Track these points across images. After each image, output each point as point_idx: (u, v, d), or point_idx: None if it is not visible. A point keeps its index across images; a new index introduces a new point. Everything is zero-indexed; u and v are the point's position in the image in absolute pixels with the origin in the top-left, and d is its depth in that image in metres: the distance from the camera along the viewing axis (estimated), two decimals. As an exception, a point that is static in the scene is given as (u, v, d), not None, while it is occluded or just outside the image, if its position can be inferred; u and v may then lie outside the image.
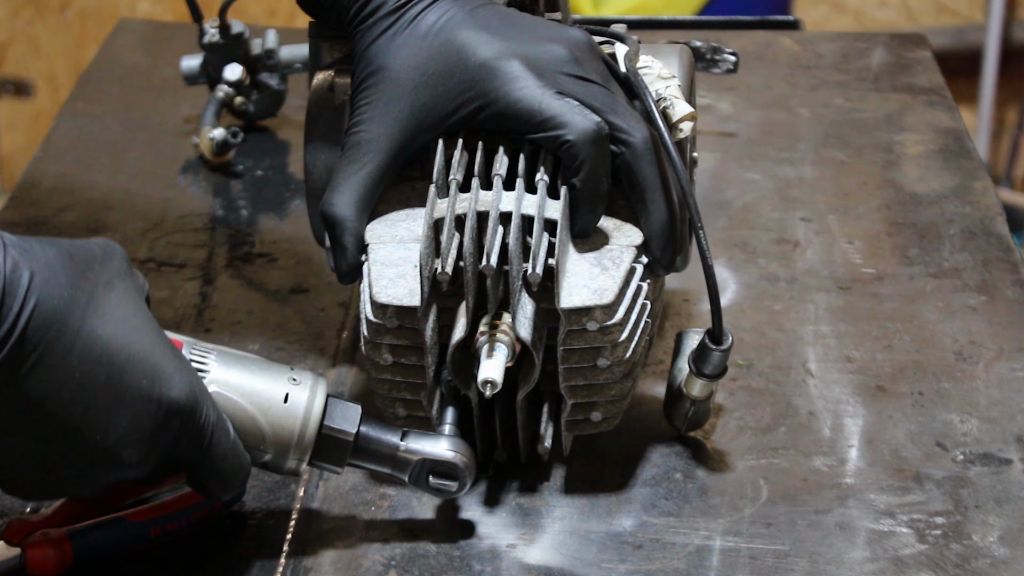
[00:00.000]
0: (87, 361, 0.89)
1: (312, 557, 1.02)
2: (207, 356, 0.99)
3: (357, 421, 1.00)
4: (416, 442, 1.01)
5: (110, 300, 0.91)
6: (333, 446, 1.00)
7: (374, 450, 1.00)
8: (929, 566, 1.01)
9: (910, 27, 3.34)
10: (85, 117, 1.63)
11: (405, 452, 1.01)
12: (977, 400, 1.17)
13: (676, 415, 1.10)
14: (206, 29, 1.57)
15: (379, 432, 1.01)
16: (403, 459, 1.01)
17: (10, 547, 0.99)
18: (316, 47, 1.17)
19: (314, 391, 1.00)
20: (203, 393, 0.95)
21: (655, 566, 1.01)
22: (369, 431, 1.01)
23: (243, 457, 0.98)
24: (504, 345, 1.00)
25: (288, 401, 0.99)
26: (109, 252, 0.94)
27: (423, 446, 1.01)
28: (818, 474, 1.09)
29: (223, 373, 0.98)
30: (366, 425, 1.00)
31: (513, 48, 1.04)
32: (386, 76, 1.06)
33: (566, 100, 1.03)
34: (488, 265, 1.00)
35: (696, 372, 1.07)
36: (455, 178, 1.04)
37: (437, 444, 1.01)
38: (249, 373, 0.99)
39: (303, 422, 0.99)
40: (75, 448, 0.91)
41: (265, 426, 0.98)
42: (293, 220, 1.44)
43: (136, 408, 0.91)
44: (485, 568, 1.01)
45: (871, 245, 1.38)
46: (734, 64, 1.54)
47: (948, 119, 1.61)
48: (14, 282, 0.87)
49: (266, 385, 0.99)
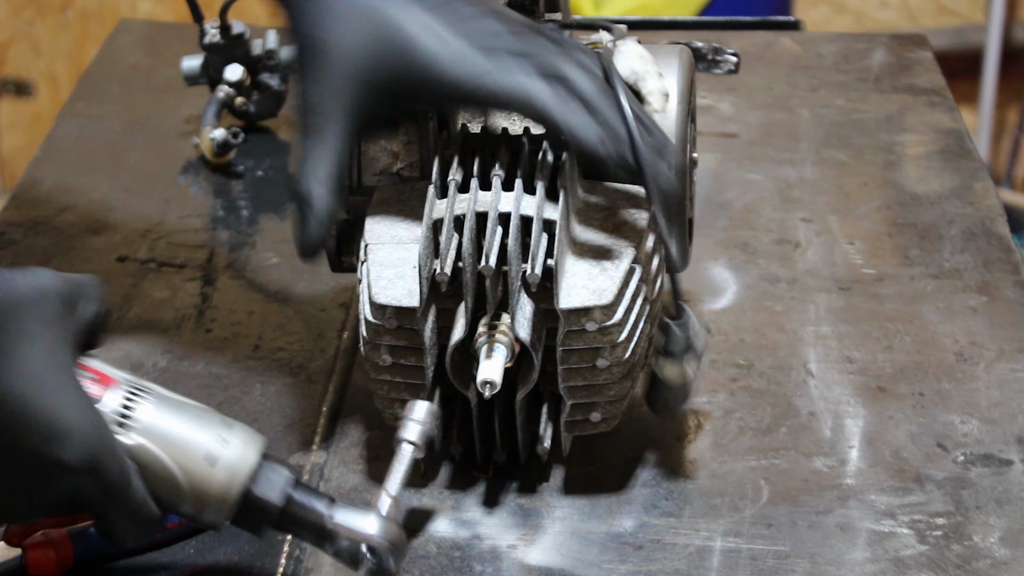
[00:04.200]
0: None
1: (312, 557, 1.02)
2: (140, 399, 0.94)
3: (282, 489, 0.95)
4: (343, 516, 0.96)
5: (20, 351, 0.90)
6: (255, 513, 0.95)
7: (300, 518, 0.95)
8: (930, 567, 1.01)
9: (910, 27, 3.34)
10: (85, 117, 1.63)
11: (332, 525, 0.95)
12: (978, 401, 1.17)
13: (652, 398, 1.09)
14: (207, 29, 1.57)
15: (308, 500, 0.95)
16: (329, 531, 0.95)
17: (10, 547, 0.99)
18: (316, 47, 1.17)
19: (244, 454, 0.95)
20: (105, 451, 0.92)
21: (656, 567, 1.01)
22: (298, 498, 0.95)
23: (146, 509, 0.94)
24: (503, 346, 1.00)
25: (214, 464, 0.94)
26: (40, 294, 0.92)
27: (350, 521, 0.95)
28: (819, 475, 1.09)
29: (153, 421, 0.94)
30: (297, 492, 0.95)
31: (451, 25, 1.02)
32: (328, 52, 1.02)
33: (514, 74, 1.01)
34: (487, 266, 1.00)
35: (660, 350, 1.06)
36: (454, 178, 1.04)
37: (364, 521, 0.95)
38: (180, 425, 0.94)
39: (225, 487, 0.94)
40: None
41: (185, 486, 0.94)
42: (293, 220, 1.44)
43: (24, 464, 0.90)
44: (486, 569, 1.01)
45: (872, 246, 1.38)
46: (735, 65, 1.54)
47: (949, 120, 1.61)
48: None
49: (194, 441, 0.94)
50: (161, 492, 0.94)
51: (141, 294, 1.31)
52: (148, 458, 0.94)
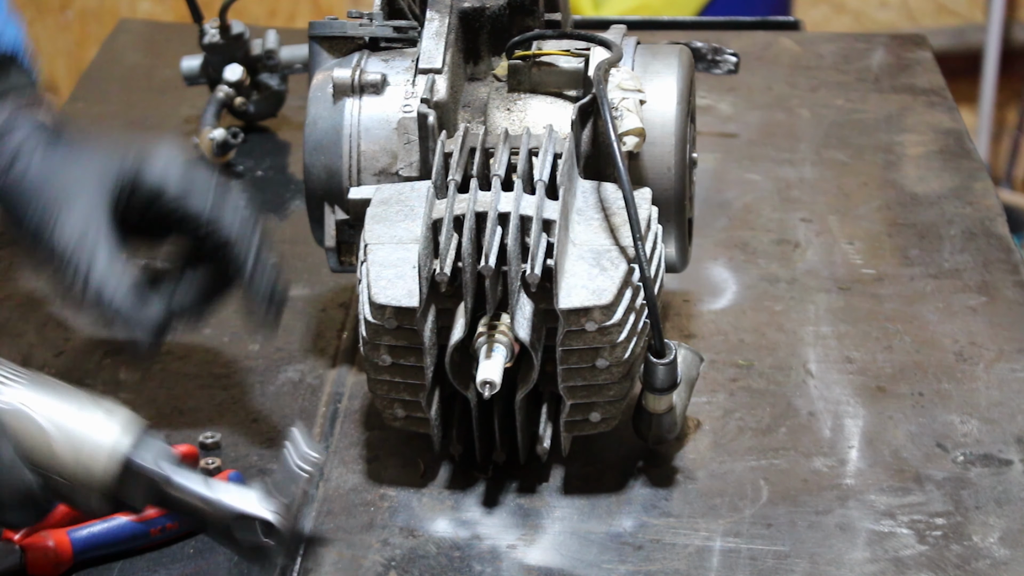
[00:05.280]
0: None
1: (312, 557, 1.02)
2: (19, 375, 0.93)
3: (165, 461, 0.94)
4: (224, 493, 0.94)
5: None
6: (135, 486, 0.93)
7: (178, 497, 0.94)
8: (929, 567, 1.01)
9: (910, 28, 3.34)
10: (85, 117, 1.63)
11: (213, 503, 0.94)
12: (977, 401, 1.17)
13: (640, 428, 1.09)
14: (206, 30, 1.57)
15: (187, 477, 0.94)
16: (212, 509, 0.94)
17: (10, 547, 0.99)
18: (316, 47, 1.17)
19: (128, 423, 0.94)
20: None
21: (655, 567, 1.01)
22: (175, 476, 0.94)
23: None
24: (503, 346, 1.00)
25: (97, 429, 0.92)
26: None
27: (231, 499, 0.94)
28: (818, 475, 1.09)
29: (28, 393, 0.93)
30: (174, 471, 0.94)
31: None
32: None
33: None
34: (487, 266, 1.00)
35: (646, 386, 1.06)
36: (453, 179, 1.04)
37: (245, 498, 0.94)
38: (60, 399, 0.93)
39: (109, 451, 0.92)
40: None
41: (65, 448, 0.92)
42: (293, 220, 1.44)
43: None
44: (485, 569, 1.01)
45: (871, 246, 1.38)
46: (735, 65, 1.54)
47: (948, 120, 1.61)
48: None
49: (75, 409, 0.93)
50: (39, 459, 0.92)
51: (141, 294, 1.31)
52: (27, 423, 0.92)
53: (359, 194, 1.11)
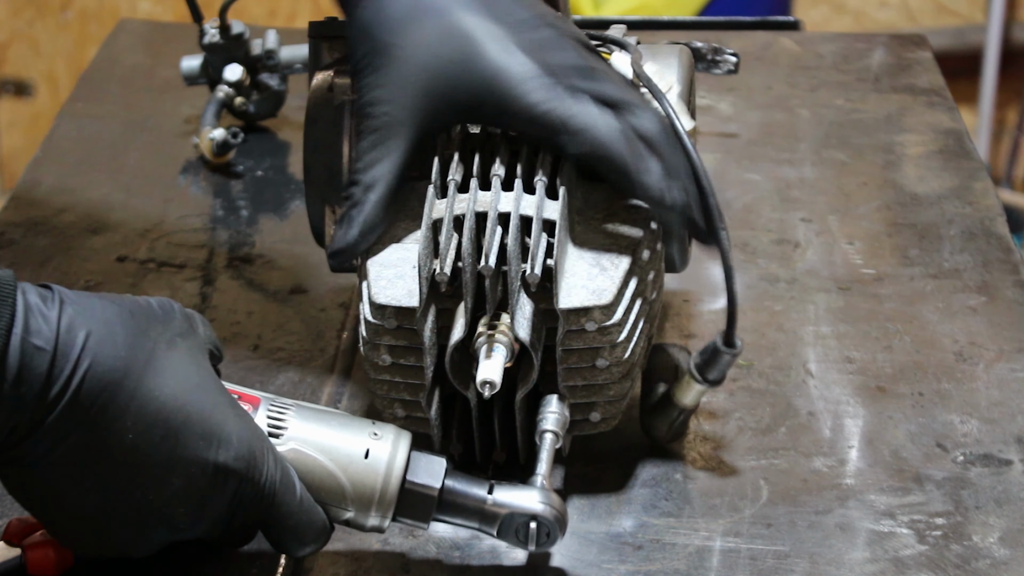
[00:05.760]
0: (141, 423, 0.88)
1: (312, 557, 1.01)
2: (285, 412, 0.97)
3: (442, 475, 0.97)
4: (504, 494, 0.97)
5: (171, 360, 0.90)
6: (417, 502, 0.97)
7: (460, 504, 0.97)
8: (929, 567, 1.01)
9: (910, 28, 3.34)
10: (85, 117, 1.63)
11: (493, 506, 0.97)
12: (977, 401, 1.17)
13: (659, 426, 1.09)
14: (206, 29, 1.57)
15: (465, 486, 0.97)
16: (491, 513, 0.97)
17: (10, 547, 0.99)
18: (316, 47, 1.17)
19: (396, 445, 0.97)
20: (263, 453, 0.93)
21: (655, 567, 1.01)
22: (455, 485, 0.97)
23: (313, 513, 0.95)
24: (503, 346, 1.00)
25: (369, 456, 0.96)
26: (168, 311, 0.93)
27: (511, 499, 0.97)
28: (818, 475, 1.09)
29: (302, 429, 0.96)
30: (452, 479, 0.97)
31: (519, 40, 1.01)
32: (396, 55, 1.01)
33: (583, 103, 1.01)
34: (487, 266, 1.00)
35: (699, 378, 1.06)
36: (453, 178, 1.04)
37: (526, 496, 0.98)
38: (329, 428, 0.97)
39: (385, 478, 0.96)
40: (128, 507, 0.90)
41: (345, 483, 0.96)
42: (293, 220, 1.44)
43: (189, 470, 0.90)
44: (485, 569, 1.01)
45: (871, 246, 1.38)
46: (735, 65, 1.54)
47: (948, 120, 1.61)
48: (68, 342, 0.86)
49: (346, 440, 0.96)
50: (323, 496, 0.96)
51: (141, 294, 1.31)
52: (307, 462, 0.95)
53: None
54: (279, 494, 0.94)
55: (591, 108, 1.01)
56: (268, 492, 0.93)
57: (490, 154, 1.06)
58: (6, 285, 0.85)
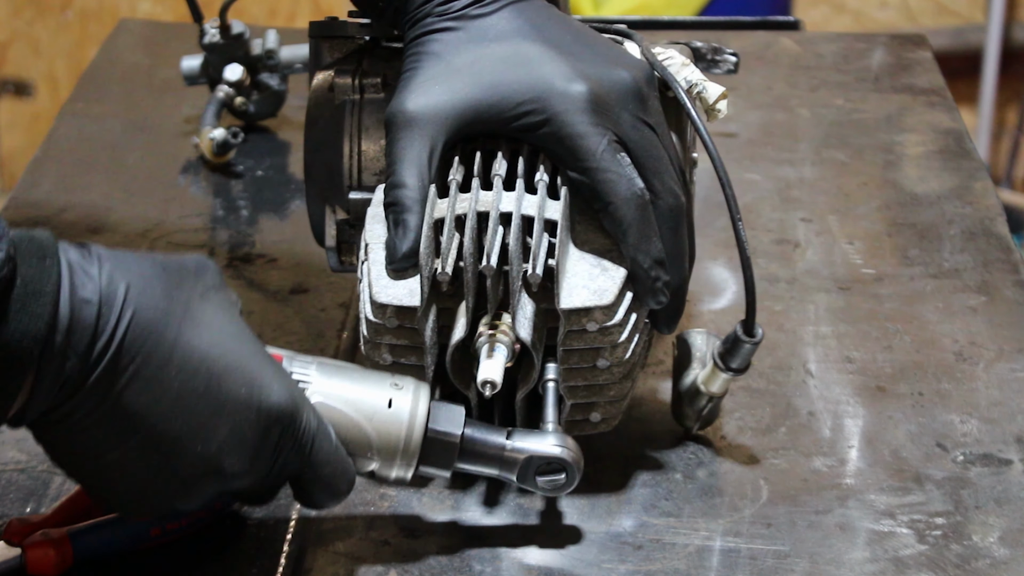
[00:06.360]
0: (185, 371, 0.89)
1: (312, 557, 1.02)
2: (308, 367, 0.98)
3: (462, 423, 0.99)
4: (522, 440, 0.99)
5: (206, 310, 0.91)
6: (440, 449, 0.98)
7: (480, 451, 0.99)
8: (929, 567, 1.01)
9: (910, 27, 3.34)
10: (85, 117, 1.63)
11: (511, 452, 0.99)
12: (977, 401, 1.17)
13: (689, 414, 1.10)
14: (206, 29, 1.57)
15: (484, 433, 0.99)
16: (510, 459, 0.99)
17: (10, 547, 0.99)
18: (316, 47, 1.17)
19: (417, 395, 0.98)
20: (302, 400, 0.94)
21: (655, 566, 1.01)
22: (474, 432, 0.99)
23: (346, 463, 0.97)
24: (504, 345, 1.00)
25: (392, 406, 0.98)
26: (202, 265, 0.94)
27: (529, 444, 0.99)
28: (818, 474, 1.09)
29: (325, 383, 0.97)
30: (471, 427, 0.99)
31: (582, 70, 1.03)
32: (448, 66, 1.04)
33: (618, 157, 1.03)
34: (488, 265, 1.00)
35: (723, 367, 1.07)
36: (455, 178, 1.04)
37: (543, 441, 1.00)
38: (351, 381, 0.98)
39: (408, 426, 0.97)
40: (177, 460, 0.91)
41: (371, 433, 0.97)
42: (293, 220, 1.44)
43: (236, 416, 0.91)
44: (485, 568, 1.01)
45: (871, 245, 1.38)
46: (735, 65, 1.54)
47: (948, 120, 1.61)
48: (110, 295, 0.87)
49: (369, 392, 0.98)
50: (350, 447, 0.97)
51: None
52: (332, 415, 0.97)
53: (360, 194, 1.11)
54: (317, 441, 0.95)
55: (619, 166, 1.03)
56: (308, 439, 0.94)
57: (491, 153, 1.06)
58: (50, 244, 0.86)
